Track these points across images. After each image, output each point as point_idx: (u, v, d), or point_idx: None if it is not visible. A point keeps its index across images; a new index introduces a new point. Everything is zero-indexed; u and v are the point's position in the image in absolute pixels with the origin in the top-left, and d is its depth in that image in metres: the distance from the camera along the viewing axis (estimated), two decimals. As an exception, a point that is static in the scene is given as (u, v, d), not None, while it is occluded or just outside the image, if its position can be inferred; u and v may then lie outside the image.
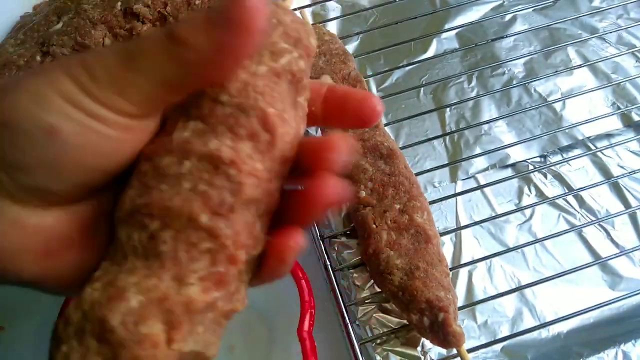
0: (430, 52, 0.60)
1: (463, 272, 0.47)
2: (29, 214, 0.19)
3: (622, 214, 0.49)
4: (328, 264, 0.45)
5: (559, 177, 0.52)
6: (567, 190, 0.51)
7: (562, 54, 0.59)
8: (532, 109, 0.55)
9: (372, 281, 0.45)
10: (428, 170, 0.50)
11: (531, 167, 0.52)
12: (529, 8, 0.62)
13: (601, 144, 0.53)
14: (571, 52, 0.59)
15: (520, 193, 0.51)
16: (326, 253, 0.46)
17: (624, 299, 0.44)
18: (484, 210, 0.51)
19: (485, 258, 0.46)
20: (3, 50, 0.54)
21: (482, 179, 0.52)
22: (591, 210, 0.50)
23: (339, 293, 0.44)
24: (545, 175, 0.52)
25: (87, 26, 0.52)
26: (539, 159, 0.53)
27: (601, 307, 0.43)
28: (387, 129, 0.49)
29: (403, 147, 0.51)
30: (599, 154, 0.53)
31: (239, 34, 0.18)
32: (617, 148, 0.53)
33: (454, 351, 0.40)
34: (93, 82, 0.18)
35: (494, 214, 0.49)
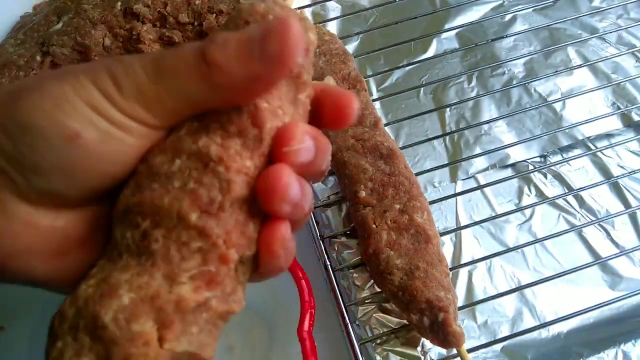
0: (430, 52, 0.60)
1: (463, 272, 0.47)
2: (41, 215, 0.20)
3: (622, 214, 0.49)
4: (328, 264, 0.45)
5: (559, 177, 0.52)
6: (567, 190, 0.51)
7: (562, 54, 0.59)
8: (532, 109, 0.55)
9: (372, 281, 0.45)
10: (428, 170, 0.50)
11: (531, 167, 0.52)
12: (529, 8, 0.62)
13: (601, 144, 0.53)
14: (571, 52, 0.59)
15: (520, 193, 0.51)
16: (326, 253, 0.46)
17: (624, 299, 0.44)
18: (484, 210, 0.50)
19: (485, 258, 0.46)
20: (3, 50, 0.54)
21: (482, 179, 0.52)
22: (591, 210, 0.50)
23: (339, 293, 0.44)
24: (545, 175, 0.52)
25: (87, 26, 0.52)
26: (539, 159, 0.53)
27: (601, 307, 0.43)
28: (387, 129, 0.49)
29: (403, 147, 0.51)
30: (599, 154, 0.53)
31: (275, 68, 0.18)
32: (617, 148, 0.53)
33: (454, 351, 0.40)
34: (119, 92, 0.18)
35: (494, 214, 0.49)
